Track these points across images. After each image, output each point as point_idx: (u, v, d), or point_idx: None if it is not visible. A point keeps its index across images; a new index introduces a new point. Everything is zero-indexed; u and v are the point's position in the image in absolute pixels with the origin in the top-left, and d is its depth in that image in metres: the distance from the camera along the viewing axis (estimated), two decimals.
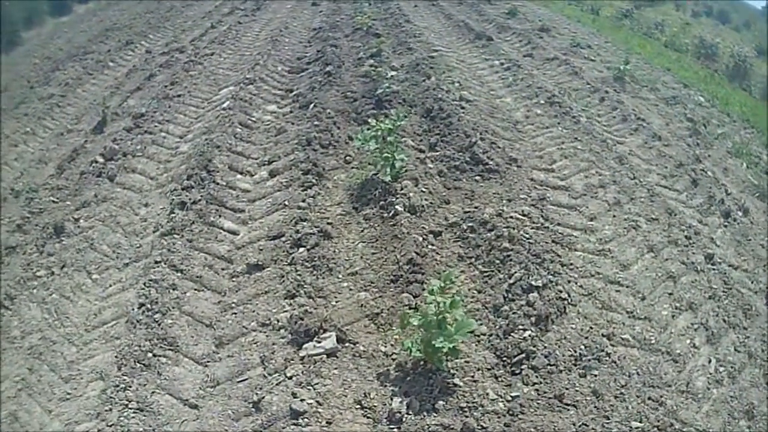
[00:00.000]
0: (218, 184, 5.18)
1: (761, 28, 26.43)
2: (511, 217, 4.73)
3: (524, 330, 3.60)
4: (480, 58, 9.74)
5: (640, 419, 3.23)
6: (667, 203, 5.57)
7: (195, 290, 4.09)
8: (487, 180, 5.43)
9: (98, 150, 6.30)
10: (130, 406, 3.14)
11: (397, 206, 4.63)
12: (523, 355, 3.45)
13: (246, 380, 3.37)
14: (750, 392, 3.78)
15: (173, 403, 3.24)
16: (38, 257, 4.74)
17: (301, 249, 4.26)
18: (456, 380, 3.27)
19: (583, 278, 4.39)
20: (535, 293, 3.89)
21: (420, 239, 4.38)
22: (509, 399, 3.21)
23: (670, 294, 4.42)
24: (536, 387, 3.28)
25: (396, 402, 3.12)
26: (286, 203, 4.84)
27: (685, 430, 3.31)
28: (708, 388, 3.69)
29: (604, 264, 4.61)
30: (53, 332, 3.95)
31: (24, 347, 3.88)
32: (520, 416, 3.10)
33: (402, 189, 4.86)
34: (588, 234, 4.96)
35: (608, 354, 3.63)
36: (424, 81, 7.63)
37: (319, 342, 3.48)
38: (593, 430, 3.08)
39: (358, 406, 3.15)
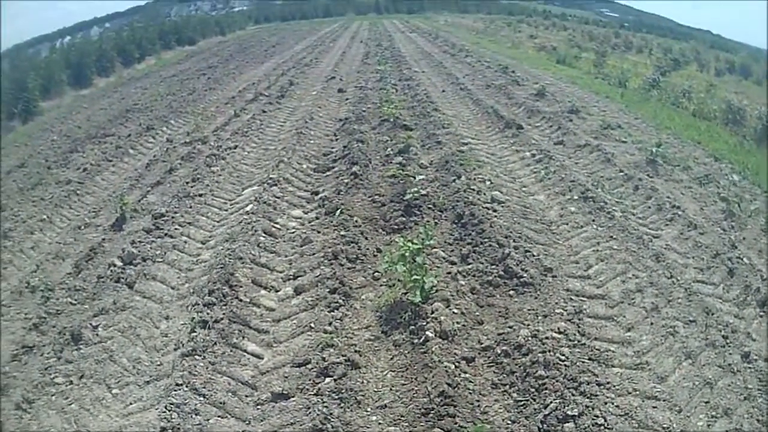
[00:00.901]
0: (241, 301, 5.26)
1: None
2: (547, 338, 4.74)
3: None
4: (510, 150, 9.98)
5: None
6: (705, 301, 5.53)
7: (219, 417, 4.09)
8: (522, 294, 5.46)
9: (117, 251, 6.46)
10: None
11: (428, 332, 4.66)
12: None
13: None
14: None
15: None
16: (56, 362, 4.79)
17: (328, 379, 4.29)
18: None
19: (620, 397, 4.34)
20: (571, 423, 3.88)
21: (452, 367, 4.38)
22: None
23: (707, 402, 4.36)
24: None
25: None
26: (312, 325, 4.89)
27: None
28: None
29: (641, 379, 4.56)
30: None
31: None
32: None
33: (433, 312, 4.89)
34: (625, 347, 4.93)
35: None
36: (454, 181, 7.78)
37: None
38: None
39: None
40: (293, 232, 6.70)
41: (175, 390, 4.23)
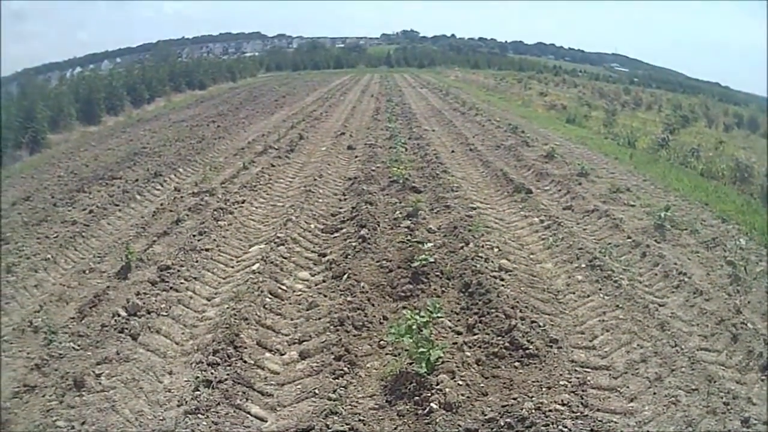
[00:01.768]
0: (246, 363, 5.44)
1: None
2: (551, 410, 4.88)
3: None
4: (519, 215, 10.24)
5: None
6: (707, 369, 5.66)
7: None
8: (527, 366, 5.60)
9: (121, 300, 6.65)
10: None
11: (432, 403, 4.82)
12: None
13: None
14: None
15: None
16: (58, 405, 4.91)
17: None
18: None
19: None
20: None
21: None
22: None
23: None
24: None
25: None
26: (317, 391, 5.05)
27: None
28: None
29: None
30: None
31: None
32: None
33: (438, 383, 5.06)
34: (627, 417, 5.05)
35: None
36: (462, 248, 7.99)
37: None
38: None
39: None
40: (299, 295, 6.91)
41: None
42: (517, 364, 5.63)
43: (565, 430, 4.63)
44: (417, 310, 5.69)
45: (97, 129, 22.39)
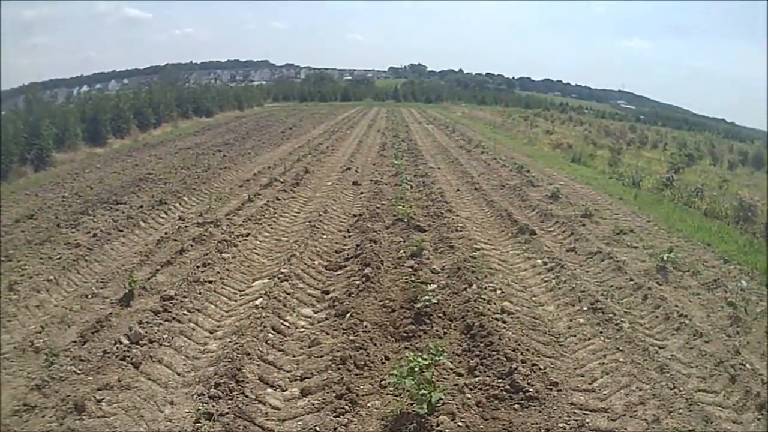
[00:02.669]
0: (247, 397, 5.56)
1: None
2: None
3: None
4: (522, 257, 10.39)
5: None
6: (705, 410, 5.76)
7: None
8: (527, 408, 5.70)
9: (123, 328, 6.79)
10: None
11: None
12: None
13: None
14: None
15: None
16: (58, 427, 5.02)
17: None
18: None
19: None
20: None
21: None
22: None
23: None
24: None
25: None
26: (318, 428, 5.15)
27: None
28: None
29: None
30: None
31: None
32: None
33: (438, 425, 5.18)
34: None
35: None
36: (465, 290, 8.12)
37: None
38: None
39: None
40: (302, 332, 7.06)
41: None
42: (517, 407, 5.74)
43: None
44: (419, 352, 5.83)
45: (103, 151, 22.77)
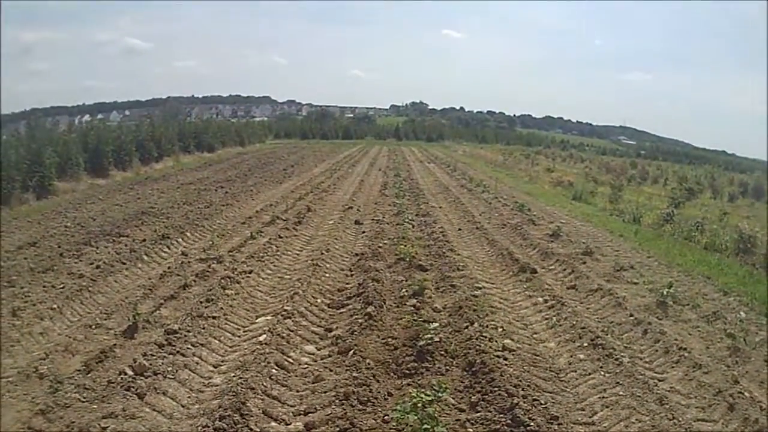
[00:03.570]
0: (252, 430, 5.70)
1: None
2: None
3: None
4: (524, 295, 10.56)
5: None
6: None
7: None
8: None
9: (128, 359, 6.97)
10: None
11: None
12: None
13: None
14: None
15: None
16: None
17: None
18: None
19: None
20: None
21: None
22: None
23: None
24: None
25: None
26: None
27: None
28: None
29: None
30: None
31: None
32: None
33: None
34: None
35: None
36: (467, 328, 8.28)
37: None
38: None
39: None
40: (305, 368, 7.22)
41: None
42: None
43: None
44: (422, 389, 6.00)
45: (105, 182, 23.11)
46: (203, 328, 8.11)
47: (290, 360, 7.36)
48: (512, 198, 22.79)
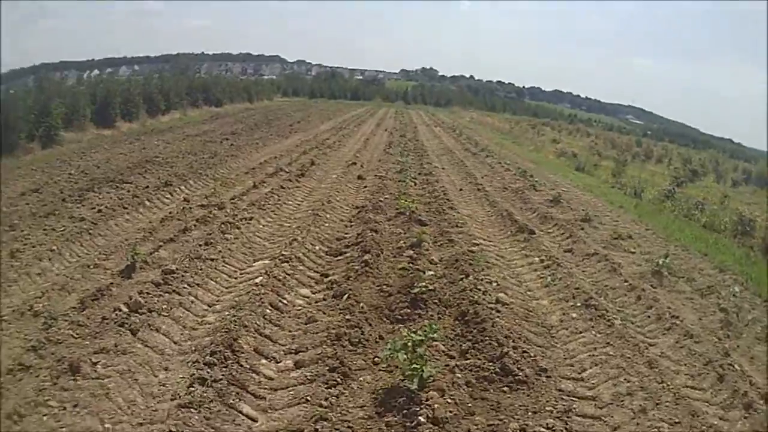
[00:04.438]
0: (242, 366, 5.72)
1: None
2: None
3: None
4: (520, 254, 10.56)
5: None
6: (692, 405, 5.91)
7: None
8: (515, 391, 5.84)
9: (123, 297, 6.94)
10: None
11: (420, 417, 5.07)
12: None
13: None
14: None
15: None
16: (51, 387, 5.15)
17: None
18: None
19: None
20: None
21: None
22: None
23: None
24: None
25: None
26: (309, 398, 5.33)
27: None
28: None
29: None
30: None
31: None
32: None
33: (427, 400, 5.31)
34: None
35: None
36: (462, 280, 8.25)
37: None
38: None
39: None
40: (299, 310, 7.23)
41: None
42: (506, 389, 5.88)
43: None
44: (413, 330, 5.97)
45: (111, 133, 22.97)
46: (200, 270, 8.09)
47: (285, 301, 7.35)
48: (515, 164, 22.66)
